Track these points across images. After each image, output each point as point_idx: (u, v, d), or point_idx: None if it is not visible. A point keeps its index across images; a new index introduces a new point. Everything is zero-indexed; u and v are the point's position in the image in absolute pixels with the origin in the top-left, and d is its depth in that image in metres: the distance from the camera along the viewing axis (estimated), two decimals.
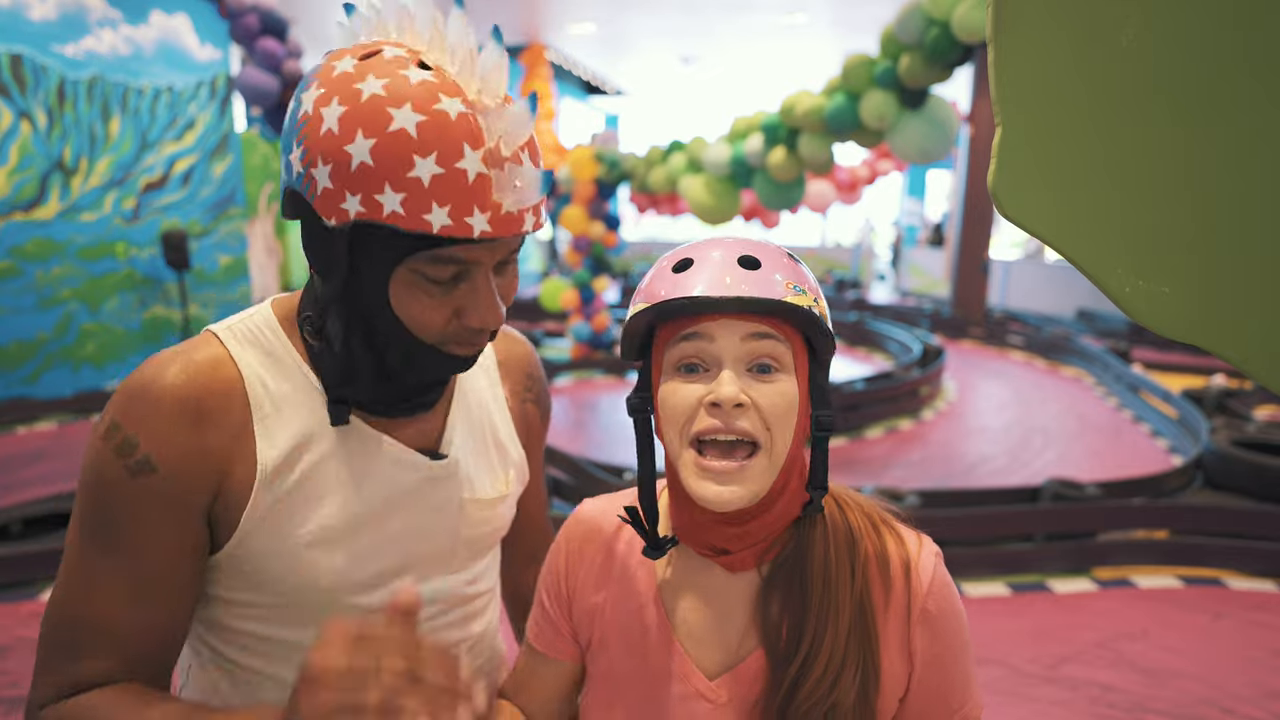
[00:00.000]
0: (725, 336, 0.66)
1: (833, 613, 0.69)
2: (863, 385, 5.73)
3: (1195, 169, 0.48)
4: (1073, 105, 0.49)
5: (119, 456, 0.67)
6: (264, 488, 0.71)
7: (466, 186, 0.62)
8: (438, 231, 0.62)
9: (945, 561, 0.75)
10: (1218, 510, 3.47)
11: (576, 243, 7.19)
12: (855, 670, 0.68)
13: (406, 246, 0.65)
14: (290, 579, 0.73)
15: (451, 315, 0.69)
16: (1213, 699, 2.45)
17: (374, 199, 0.62)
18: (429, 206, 0.62)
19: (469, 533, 0.84)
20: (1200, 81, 0.46)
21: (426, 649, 0.55)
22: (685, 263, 0.68)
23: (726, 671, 0.72)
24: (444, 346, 0.71)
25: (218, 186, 6.91)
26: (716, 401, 0.65)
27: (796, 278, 0.67)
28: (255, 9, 5.76)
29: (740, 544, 0.71)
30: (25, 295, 5.48)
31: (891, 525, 0.76)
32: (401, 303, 0.68)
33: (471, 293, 0.69)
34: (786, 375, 0.67)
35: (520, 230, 0.66)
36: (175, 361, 0.70)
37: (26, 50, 5.34)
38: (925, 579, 0.72)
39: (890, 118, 4.36)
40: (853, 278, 14.43)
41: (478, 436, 0.87)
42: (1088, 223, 0.50)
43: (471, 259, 0.67)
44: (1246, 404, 5.34)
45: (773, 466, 0.67)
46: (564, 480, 3.75)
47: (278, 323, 0.76)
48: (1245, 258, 0.48)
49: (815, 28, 10.33)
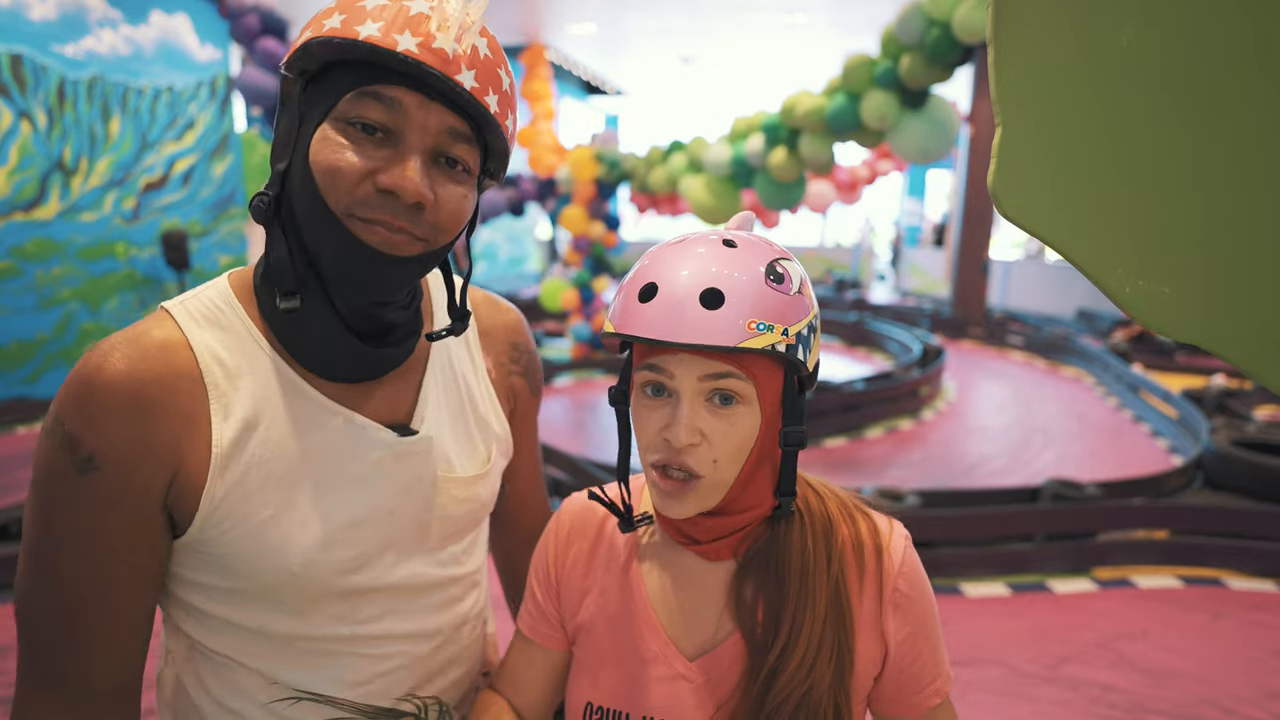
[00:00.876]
0: (683, 374, 0.68)
1: (810, 601, 0.72)
2: (863, 385, 5.73)
3: (1197, 168, 0.48)
4: (1073, 105, 0.49)
5: (65, 453, 0.65)
6: (220, 469, 0.69)
7: (406, 15, 0.65)
8: (363, 39, 0.63)
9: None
10: (1218, 510, 3.47)
11: (576, 243, 7.18)
12: (831, 655, 0.71)
13: (338, 88, 0.66)
14: (260, 561, 0.71)
15: (366, 175, 0.65)
16: (1213, 699, 2.45)
17: (320, 23, 0.65)
18: (363, 20, 0.64)
19: (446, 512, 0.81)
20: (1201, 80, 0.46)
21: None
22: (650, 290, 0.67)
23: (705, 654, 0.75)
24: (352, 216, 0.66)
25: (218, 186, 6.90)
26: (668, 442, 0.69)
27: (762, 309, 0.66)
28: (255, 9, 5.76)
29: (708, 534, 0.74)
30: (25, 295, 5.48)
31: (865, 512, 0.80)
32: (318, 152, 0.65)
33: (395, 155, 0.66)
34: (748, 406, 0.69)
35: (452, 74, 0.64)
36: (119, 349, 0.66)
37: (26, 50, 5.34)
38: (896, 561, 0.76)
39: (891, 118, 4.36)
40: (853, 278, 14.43)
41: (454, 410, 0.83)
42: (1088, 222, 0.50)
43: (400, 101, 0.65)
44: (1246, 404, 5.34)
45: (718, 489, 0.71)
46: (564, 480, 3.75)
47: (233, 294, 0.73)
48: (1245, 258, 0.48)
49: (815, 28, 10.33)
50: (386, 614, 0.79)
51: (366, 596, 0.77)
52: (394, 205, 0.66)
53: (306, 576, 0.73)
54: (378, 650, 0.79)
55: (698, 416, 0.68)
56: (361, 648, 0.78)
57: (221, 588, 0.73)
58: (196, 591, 0.74)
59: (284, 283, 0.69)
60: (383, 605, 0.79)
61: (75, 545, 0.67)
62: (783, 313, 0.67)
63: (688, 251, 0.69)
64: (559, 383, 6.81)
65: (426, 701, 0.84)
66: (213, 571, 0.72)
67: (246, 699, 0.76)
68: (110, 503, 0.66)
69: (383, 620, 0.79)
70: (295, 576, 0.72)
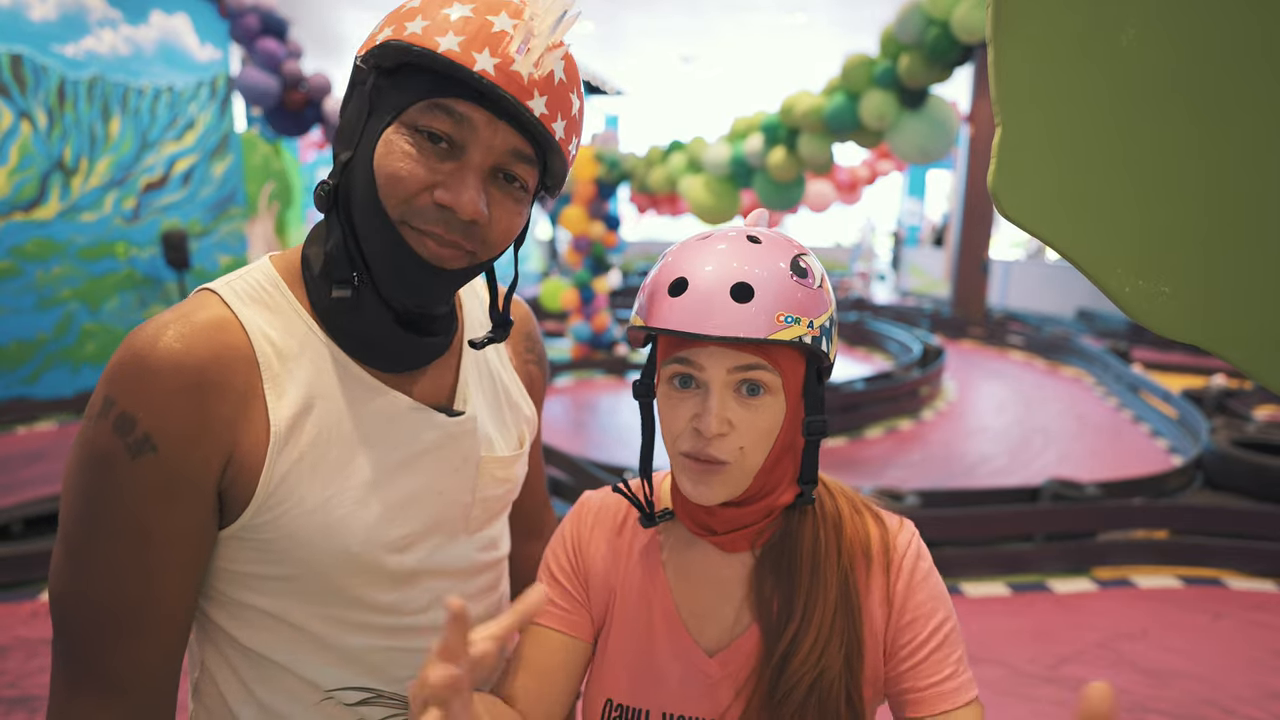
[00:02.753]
0: (713, 366, 0.70)
1: (820, 590, 0.74)
2: (863, 385, 5.73)
3: (1197, 168, 0.48)
4: (1072, 105, 0.49)
5: (117, 435, 0.63)
6: (279, 448, 0.68)
7: (487, 31, 0.65)
8: (442, 52, 0.63)
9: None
10: (1218, 510, 3.47)
11: (576, 243, 7.18)
12: (841, 642, 0.73)
13: (411, 93, 0.66)
14: (319, 544, 0.70)
15: (426, 187, 0.66)
16: (1213, 699, 2.45)
17: (402, 25, 0.65)
18: (444, 32, 0.64)
19: (486, 492, 0.83)
20: (1201, 80, 0.46)
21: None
22: (680, 284, 0.69)
23: (724, 648, 0.77)
24: (406, 224, 0.67)
25: (218, 186, 6.90)
26: (700, 432, 0.70)
27: (789, 303, 0.69)
28: (255, 9, 5.76)
29: (727, 525, 0.76)
30: (25, 295, 5.48)
31: (874, 511, 0.82)
32: (383, 155, 0.66)
33: (457, 171, 0.67)
34: (774, 396, 0.71)
35: (525, 99, 0.65)
36: (171, 326, 0.65)
37: (26, 50, 5.34)
38: (900, 554, 0.78)
39: (890, 118, 4.36)
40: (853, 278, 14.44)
41: (489, 394, 0.85)
42: (1088, 222, 0.50)
43: (470, 119, 0.66)
44: (1246, 404, 5.34)
45: (745, 476, 0.72)
46: (564, 480, 3.75)
47: (279, 276, 0.73)
48: (1244, 258, 0.48)
49: (815, 28, 10.32)
50: (434, 603, 0.79)
51: (416, 582, 0.78)
52: (449, 219, 0.67)
53: (364, 557, 0.72)
54: (426, 642, 0.78)
55: (726, 407, 0.70)
56: (411, 640, 0.78)
57: (274, 576, 0.72)
58: (244, 586, 0.72)
59: (339, 270, 0.70)
60: (432, 593, 0.79)
61: (123, 533, 0.64)
62: (807, 306, 0.70)
63: (713, 248, 0.72)
64: (559, 383, 6.80)
65: None
66: (264, 560, 0.71)
67: (294, 700, 0.75)
68: (164, 487, 0.64)
69: (431, 611, 0.79)
70: (354, 557, 0.72)
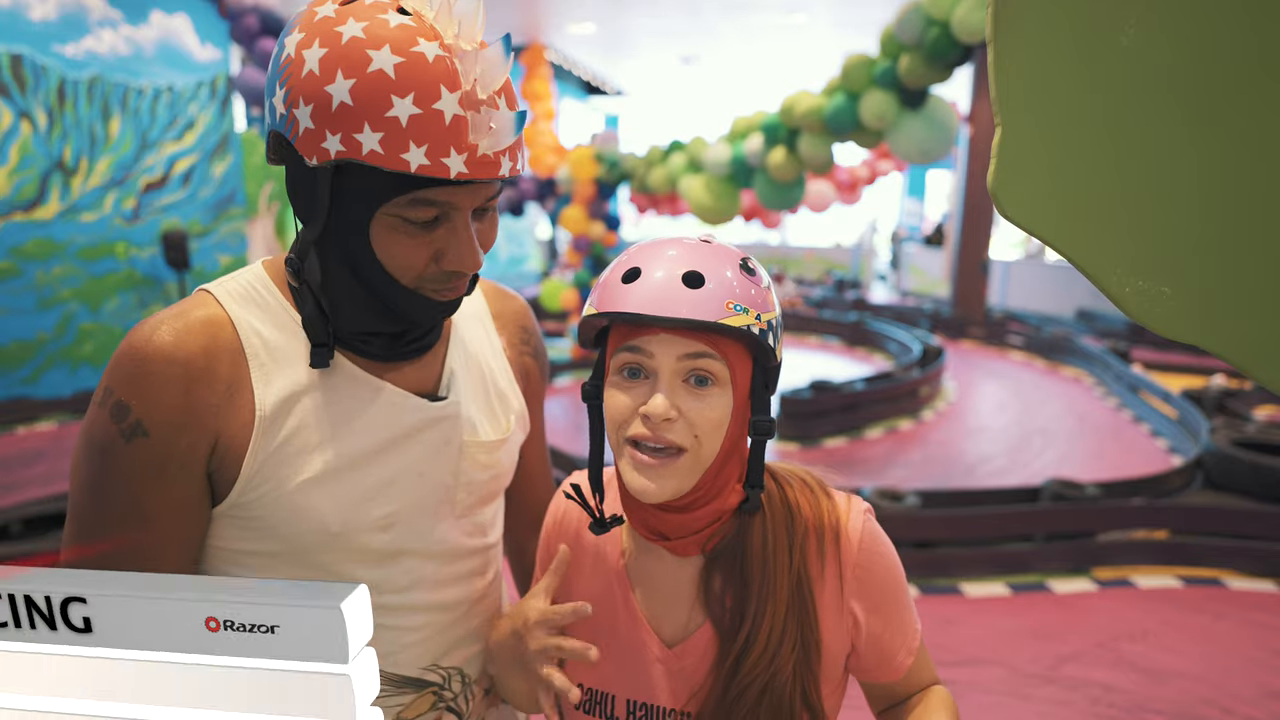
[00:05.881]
0: (663, 353, 0.70)
1: (771, 594, 0.76)
2: (863, 385, 5.72)
3: (1197, 168, 0.47)
4: (1072, 105, 0.49)
5: (113, 422, 0.69)
6: (263, 432, 0.73)
7: (443, 128, 0.64)
8: (415, 170, 0.64)
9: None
10: (1218, 510, 3.47)
11: (576, 243, 7.18)
12: (793, 644, 0.75)
13: (387, 189, 0.67)
14: (299, 523, 0.75)
15: (431, 258, 0.71)
16: (1213, 699, 2.45)
17: (353, 138, 0.64)
18: (406, 146, 0.64)
19: (470, 476, 0.86)
20: (1201, 80, 0.46)
21: None
22: (633, 273, 0.71)
23: (680, 641, 0.80)
24: (422, 289, 0.73)
25: (218, 186, 6.90)
26: (647, 415, 0.70)
27: (739, 294, 0.70)
28: (255, 9, 5.76)
29: (677, 531, 0.76)
30: (25, 295, 5.48)
31: (827, 492, 0.82)
32: (382, 245, 0.70)
33: (451, 235, 0.71)
34: (721, 389, 0.72)
35: (497, 174, 0.68)
36: (166, 323, 0.71)
37: (26, 50, 5.34)
38: (854, 540, 0.78)
39: (890, 118, 4.36)
40: (853, 278, 14.43)
41: (476, 380, 0.88)
42: (1087, 222, 0.50)
43: (450, 201, 0.69)
44: (1246, 404, 5.34)
45: (698, 466, 0.72)
46: (563, 480, 3.74)
47: (270, 280, 0.78)
48: (1245, 258, 0.48)
49: (815, 28, 10.32)
50: (415, 584, 0.83)
51: (398, 562, 0.82)
52: (458, 275, 0.74)
53: (344, 535, 0.77)
54: (405, 621, 0.83)
55: (675, 395, 0.70)
56: (390, 618, 0.82)
57: (260, 552, 0.77)
58: (233, 562, 0.78)
59: (315, 335, 0.75)
60: (413, 574, 0.83)
61: (122, 510, 0.71)
62: (755, 301, 0.71)
63: (665, 245, 0.74)
64: (559, 383, 6.80)
65: (450, 671, 0.87)
66: (251, 538, 0.76)
67: None
68: (156, 468, 0.70)
69: (411, 591, 0.83)
70: (334, 535, 0.76)
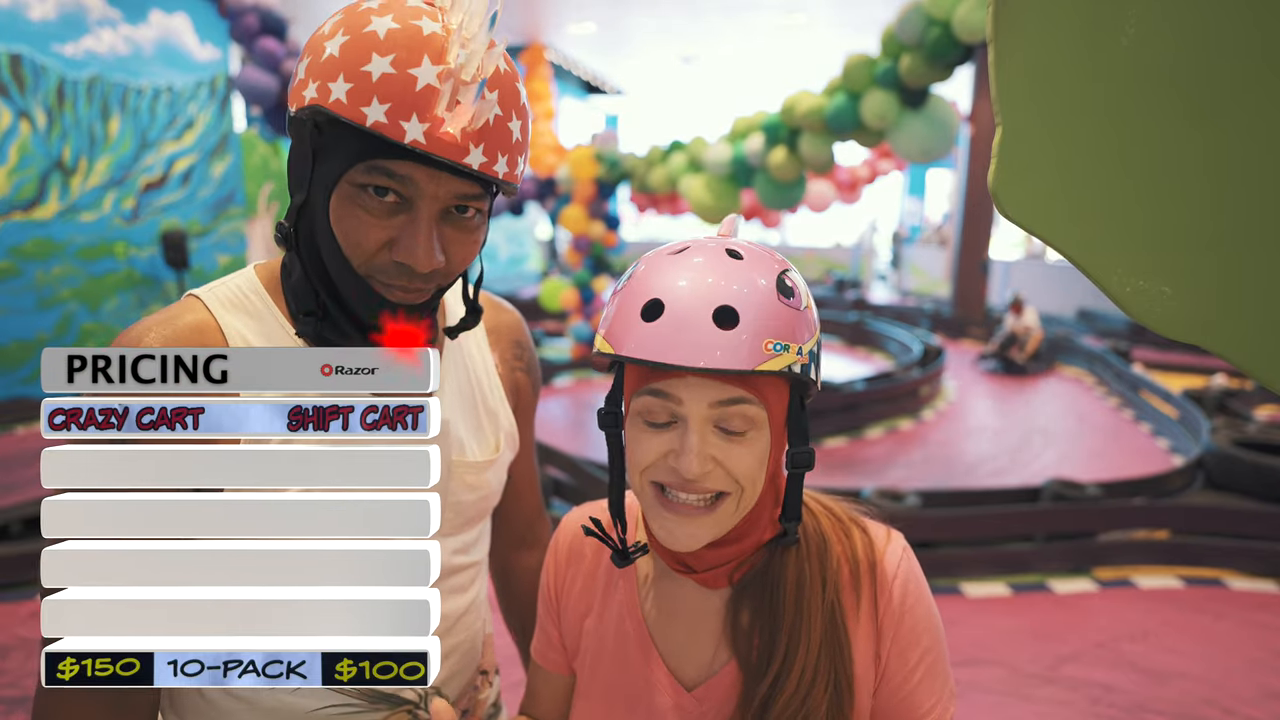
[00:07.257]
0: (693, 399, 0.62)
1: (805, 628, 0.68)
2: (863, 385, 5.73)
3: (1198, 168, 0.47)
4: (1073, 105, 0.49)
5: None
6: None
7: (411, 92, 0.63)
8: (370, 126, 0.63)
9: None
10: (1218, 510, 3.47)
11: (576, 243, 7.18)
12: (827, 684, 0.68)
13: (351, 154, 0.66)
14: None
15: (384, 244, 0.69)
16: (1214, 699, 2.45)
17: (326, 86, 0.64)
18: (369, 100, 0.63)
19: (457, 498, 0.84)
20: (1202, 80, 0.46)
21: None
22: (654, 307, 0.61)
23: (702, 683, 0.73)
24: (372, 278, 0.70)
25: (217, 186, 6.90)
26: (677, 469, 0.63)
27: (778, 328, 0.61)
28: (255, 9, 5.75)
29: (705, 565, 0.70)
30: (25, 295, 5.48)
31: (861, 524, 0.75)
32: (338, 216, 0.68)
33: (409, 224, 0.68)
34: (758, 431, 0.64)
35: (460, 159, 0.65)
36: (154, 329, 0.70)
37: (26, 50, 5.34)
38: (890, 575, 0.72)
39: (891, 117, 4.35)
40: (853, 278, 14.43)
41: (466, 399, 0.86)
42: (1088, 222, 0.50)
43: (411, 178, 0.66)
44: (1247, 404, 5.34)
45: (741, 510, 0.66)
46: (564, 480, 3.74)
47: (261, 286, 0.77)
48: (1246, 257, 0.48)
49: (815, 28, 10.32)
50: None
51: None
52: (409, 272, 0.69)
53: None
54: None
55: (708, 444, 0.63)
56: None
57: None
58: None
59: (304, 302, 0.74)
60: None
61: None
62: (796, 330, 0.63)
63: (688, 262, 0.63)
64: (559, 383, 6.80)
65: (427, 690, 0.84)
66: None
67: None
68: None
69: None
70: None
